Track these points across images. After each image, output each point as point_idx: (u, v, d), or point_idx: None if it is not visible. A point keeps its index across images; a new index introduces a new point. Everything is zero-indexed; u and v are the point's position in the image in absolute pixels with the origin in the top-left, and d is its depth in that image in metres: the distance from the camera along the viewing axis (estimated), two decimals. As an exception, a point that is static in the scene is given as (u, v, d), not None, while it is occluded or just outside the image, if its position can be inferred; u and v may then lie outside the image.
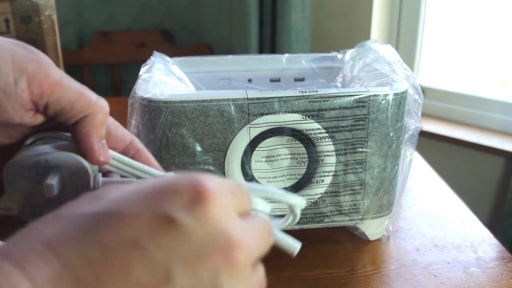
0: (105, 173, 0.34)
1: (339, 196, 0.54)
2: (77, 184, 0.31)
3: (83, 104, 0.29)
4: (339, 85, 0.64)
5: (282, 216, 0.33)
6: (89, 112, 0.29)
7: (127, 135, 0.34)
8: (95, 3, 1.86)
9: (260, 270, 0.25)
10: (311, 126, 0.50)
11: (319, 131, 0.50)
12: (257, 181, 0.52)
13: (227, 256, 0.22)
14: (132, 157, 0.34)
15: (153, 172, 0.33)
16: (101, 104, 0.30)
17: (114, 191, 0.23)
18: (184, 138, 0.49)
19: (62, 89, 0.28)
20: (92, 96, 0.29)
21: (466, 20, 1.56)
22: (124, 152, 0.34)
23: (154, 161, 0.35)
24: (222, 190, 0.23)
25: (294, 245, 0.31)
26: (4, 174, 0.30)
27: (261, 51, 1.66)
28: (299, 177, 0.53)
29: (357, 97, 0.50)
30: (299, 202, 0.32)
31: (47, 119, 0.30)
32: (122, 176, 0.34)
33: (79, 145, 0.30)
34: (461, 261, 0.56)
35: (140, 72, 0.56)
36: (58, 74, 0.28)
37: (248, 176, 0.51)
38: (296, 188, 0.53)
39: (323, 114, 0.50)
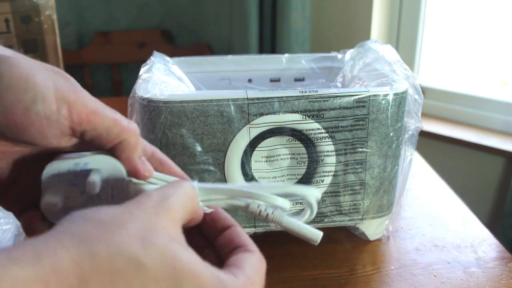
0: None
1: (339, 196, 0.54)
2: (113, 187, 0.32)
3: (117, 131, 0.31)
4: (339, 85, 0.64)
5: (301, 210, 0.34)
6: (123, 138, 0.31)
7: (148, 147, 0.35)
8: (95, 3, 1.86)
9: None
10: (311, 126, 0.50)
11: (319, 131, 0.50)
12: (257, 181, 0.52)
13: None
14: (155, 169, 0.35)
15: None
16: (133, 127, 0.32)
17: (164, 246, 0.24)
18: (184, 138, 0.49)
19: (98, 117, 0.30)
20: (124, 121, 0.31)
21: (466, 20, 1.56)
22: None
23: (178, 169, 0.36)
24: None
25: (316, 233, 0.32)
26: (44, 174, 0.31)
27: (261, 51, 1.66)
28: (299, 177, 0.53)
29: (357, 97, 0.50)
30: (315, 193, 0.33)
31: (81, 141, 0.32)
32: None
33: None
34: (461, 261, 0.56)
35: (140, 72, 0.56)
36: (94, 103, 0.30)
37: (248, 176, 0.51)
38: (296, 188, 0.53)
39: (323, 114, 0.50)
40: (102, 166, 0.31)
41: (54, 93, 0.28)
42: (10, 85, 0.27)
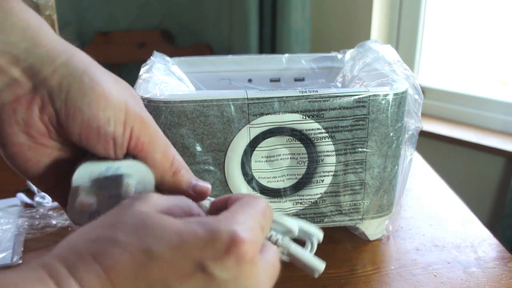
0: None
1: (339, 196, 0.54)
2: (141, 193, 0.32)
3: (165, 168, 0.34)
4: (339, 85, 0.64)
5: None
6: (166, 180, 0.34)
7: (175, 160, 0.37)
8: (95, 3, 1.86)
9: None
10: (311, 126, 0.50)
11: (319, 131, 0.50)
12: (257, 181, 0.52)
13: None
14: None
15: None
16: (173, 170, 0.34)
17: (164, 225, 0.26)
18: (184, 138, 0.49)
19: (152, 148, 0.33)
20: (166, 165, 0.34)
21: (466, 20, 1.56)
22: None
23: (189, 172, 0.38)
24: (255, 238, 0.27)
25: (320, 265, 0.33)
26: (76, 175, 0.32)
27: (261, 51, 1.66)
28: (299, 177, 0.53)
29: (357, 97, 0.50)
30: (317, 233, 0.34)
31: None
32: None
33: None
34: (461, 261, 0.56)
35: (140, 72, 0.56)
36: (153, 133, 0.33)
37: (248, 176, 0.51)
38: (296, 188, 0.53)
39: (323, 114, 0.50)
40: (133, 172, 0.32)
41: (124, 115, 0.31)
42: (91, 102, 0.30)
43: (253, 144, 0.50)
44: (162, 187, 0.34)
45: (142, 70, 0.56)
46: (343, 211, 0.55)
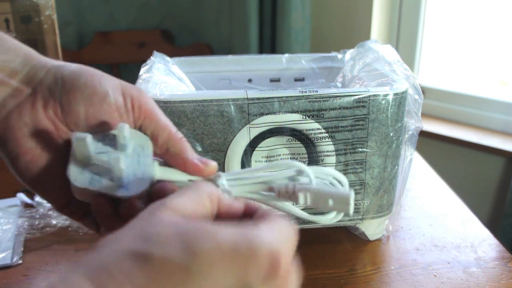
0: None
1: (339, 196, 0.54)
2: (139, 154, 0.34)
3: (165, 136, 0.35)
4: (339, 85, 0.64)
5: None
6: (171, 145, 0.35)
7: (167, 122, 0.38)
8: (95, 3, 1.86)
9: None
10: (311, 126, 0.50)
11: (319, 131, 0.50)
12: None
13: None
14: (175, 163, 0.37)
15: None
16: (179, 136, 0.35)
17: (201, 234, 0.24)
18: (184, 138, 0.49)
19: (152, 116, 0.34)
20: (172, 129, 0.35)
21: (466, 20, 1.56)
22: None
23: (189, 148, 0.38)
24: (290, 257, 0.27)
25: (347, 193, 0.32)
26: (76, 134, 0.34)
27: (261, 51, 1.66)
28: (299, 177, 0.53)
29: (357, 97, 0.50)
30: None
31: None
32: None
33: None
34: (461, 261, 0.56)
35: (140, 72, 0.55)
36: (152, 103, 0.35)
37: (248, 176, 0.51)
38: (296, 188, 0.53)
39: (323, 114, 0.50)
40: (131, 135, 0.34)
41: (120, 89, 0.34)
42: (87, 81, 0.33)
43: (253, 144, 0.50)
44: (167, 156, 0.35)
45: (142, 70, 0.56)
46: (343, 211, 0.55)
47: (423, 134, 1.36)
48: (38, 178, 0.33)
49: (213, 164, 0.35)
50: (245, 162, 0.51)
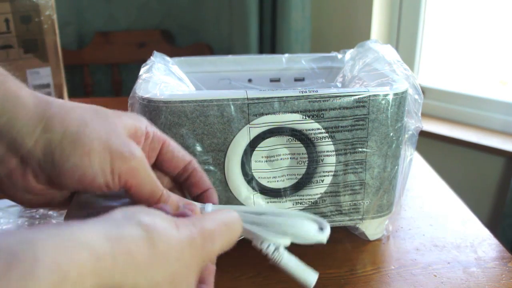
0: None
1: (339, 196, 0.54)
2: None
3: (152, 202, 0.36)
4: (339, 85, 0.64)
5: None
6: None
7: (186, 156, 0.41)
8: (95, 3, 1.86)
9: None
10: (311, 126, 0.50)
11: (319, 131, 0.50)
12: (257, 181, 0.52)
13: None
14: (189, 175, 0.40)
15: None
16: (166, 201, 0.37)
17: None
18: (184, 138, 0.49)
19: (138, 193, 0.35)
20: (153, 199, 0.36)
21: (466, 20, 1.56)
22: (183, 170, 0.40)
23: (206, 179, 0.41)
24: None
25: (312, 277, 0.34)
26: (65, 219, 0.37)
27: (261, 51, 1.66)
28: (299, 177, 0.53)
29: (357, 97, 0.50)
30: (326, 235, 0.35)
31: None
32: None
33: None
34: (461, 261, 0.56)
35: (140, 72, 0.56)
36: (141, 174, 0.35)
37: (248, 176, 0.51)
38: (296, 188, 0.53)
39: (323, 114, 0.50)
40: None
41: (109, 164, 0.33)
42: (76, 164, 0.32)
43: (253, 144, 0.50)
44: None
45: (142, 70, 0.56)
46: (343, 211, 0.55)
47: (423, 134, 1.36)
48: (39, 205, 0.37)
49: (196, 210, 0.37)
50: (245, 162, 0.51)
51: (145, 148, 0.38)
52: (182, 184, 0.42)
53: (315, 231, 0.34)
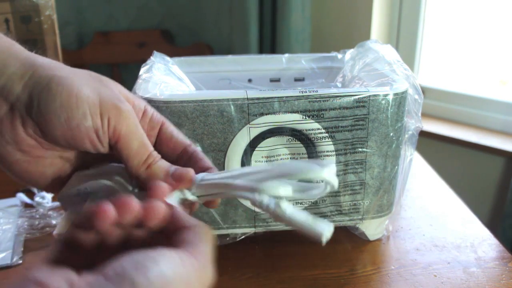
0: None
1: (339, 196, 0.54)
2: None
3: (141, 159, 0.34)
4: (339, 85, 0.64)
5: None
6: (142, 172, 0.34)
7: (186, 139, 0.39)
8: (95, 3, 1.86)
9: None
10: (311, 126, 0.50)
11: (319, 131, 0.50)
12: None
13: None
14: (190, 158, 0.38)
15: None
16: (148, 163, 0.35)
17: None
18: (184, 138, 0.49)
19: (128, 138, 0.34)
20: (142, 157, 0.34)
21: (466, 20, 1.56)
22: (183, 153, 0.38)
23: (207, 160, 0.39)
24: None
25: (322, 228, 0.29)
26: (59, 200, 0.36)
27: (261, 51, 1.66)
28: (299, 177, 0.53)
29: (357, 97, 0.50)
30: (330, 171, 0.30)
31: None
32: None
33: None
34: (461, 261, 0.56)
35: (140, 72, 0.55)
36: (130, 125, 0.34)
37: (248, 176, 0.51)
38: (296, 188, 0.53)
39: (323, 114, 0.50)
40: (100, 188, 0.35)
41: (99, 107, 0.32)
42: (63, 104, 0.32)
43: (253, 144, 0.50)
44: (139, 181, 0.35)
45: (142, 70, 0.56)
46: (343, 211, 0.55)
47: (423, 134, 1.35)
48: (31, 179, 0.35)
49: (189, 176, 0.35)
50: (245, 162, 0.51)
51: (144, 125, 0.37)
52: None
53: (316, 167, 0.29)
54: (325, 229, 0.29)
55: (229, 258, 0.56)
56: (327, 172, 0.29)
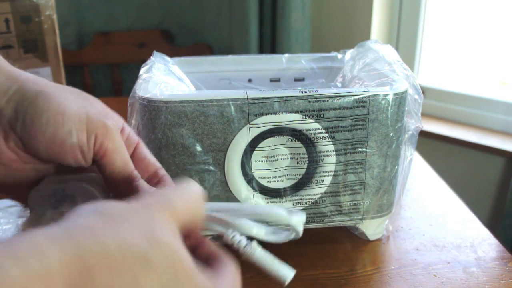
0: None
1: (339, 196, 0.54)
2: None
3: (124, 177, 0.34)
4: (339, 85, 0.64)
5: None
6: (123, 190, 0.34)
7: (157, 163, 0.39)
8: (95, 3, 1.86)
9: None
10: (311, 126, 0.50)
11: (319, 131, 0.50)
12: (257, 181, 0.52)
13: None
14: (159, 181, 0.38)
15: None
16: (132, 182, 0.35)
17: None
18: (184, 138, 0.49)
19: (114, 156, 0.34)
20: (131, 167, 0.35)
21: (466, 20, 1.56)
22: (154, 175, 0.38)
23: (156, 165, 0.39)
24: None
25: (287, 273, 0.31)
26: (29, 200, 0.35)
27: (261, 51, 1.66)
28: (299, 177, 0.53)
29: (357, 97, 0.50)
30: (299, 220, 0.32)
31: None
32: None
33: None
34: (461, 261, 0.56)
35: (140, 72, 0.56)
36: (117, 141, 0.34)
37: (248, 176, 0.51)
38: (296, 188, 0.53)
39: (323, 114, 0.50)
40: (78, 192, 0.34)
41: (85, 124, 0.32)
42: (49, 120, 0.31)
43: (253, 144, 0.50)
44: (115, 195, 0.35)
45: (142, 70, 0.56)
46: (343, 211, 0.55)
47: (423, 134, 1.36)
48: (8, 190, 0.35)
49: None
50: (245, 162, 0.51)
51: None
52: None
53: (286, 214, 0.32)
54: (289, 274, 0.31)
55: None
56: (296, 220, 0.32)
